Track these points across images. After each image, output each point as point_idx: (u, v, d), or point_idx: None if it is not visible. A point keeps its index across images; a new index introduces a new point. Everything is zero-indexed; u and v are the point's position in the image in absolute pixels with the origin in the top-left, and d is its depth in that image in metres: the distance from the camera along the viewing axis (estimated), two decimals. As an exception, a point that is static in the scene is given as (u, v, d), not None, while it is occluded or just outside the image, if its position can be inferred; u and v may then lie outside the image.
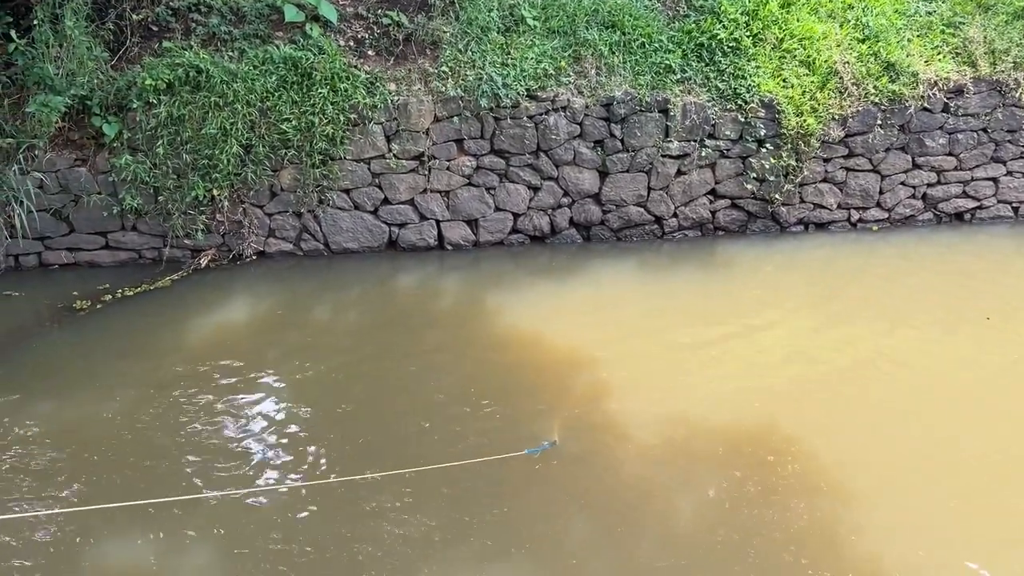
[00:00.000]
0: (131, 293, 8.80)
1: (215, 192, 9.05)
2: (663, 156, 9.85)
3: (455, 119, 9.43)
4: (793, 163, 9.99)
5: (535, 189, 9.86)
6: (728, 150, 9.97)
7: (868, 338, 8.08)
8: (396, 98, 9.31)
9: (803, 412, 6.86)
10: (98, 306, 8.55)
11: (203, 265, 9.37)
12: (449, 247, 9.94)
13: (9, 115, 8.78)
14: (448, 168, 9.62)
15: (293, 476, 6.09)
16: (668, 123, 9.73)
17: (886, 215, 10.65)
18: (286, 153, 9.15)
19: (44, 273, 9.24)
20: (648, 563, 5.34)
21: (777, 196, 10.14)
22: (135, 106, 8.80)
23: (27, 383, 7.23)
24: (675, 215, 10.18)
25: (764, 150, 9.95)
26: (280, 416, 6.80)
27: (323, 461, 6.26)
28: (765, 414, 6.78)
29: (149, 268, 9.33)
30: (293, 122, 9.01)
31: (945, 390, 7.24)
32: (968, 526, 5.66)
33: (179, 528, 5.52)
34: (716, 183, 10.11)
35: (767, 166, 9.97)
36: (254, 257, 9.54)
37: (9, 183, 8.71)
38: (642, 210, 10.08)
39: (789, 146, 9.92)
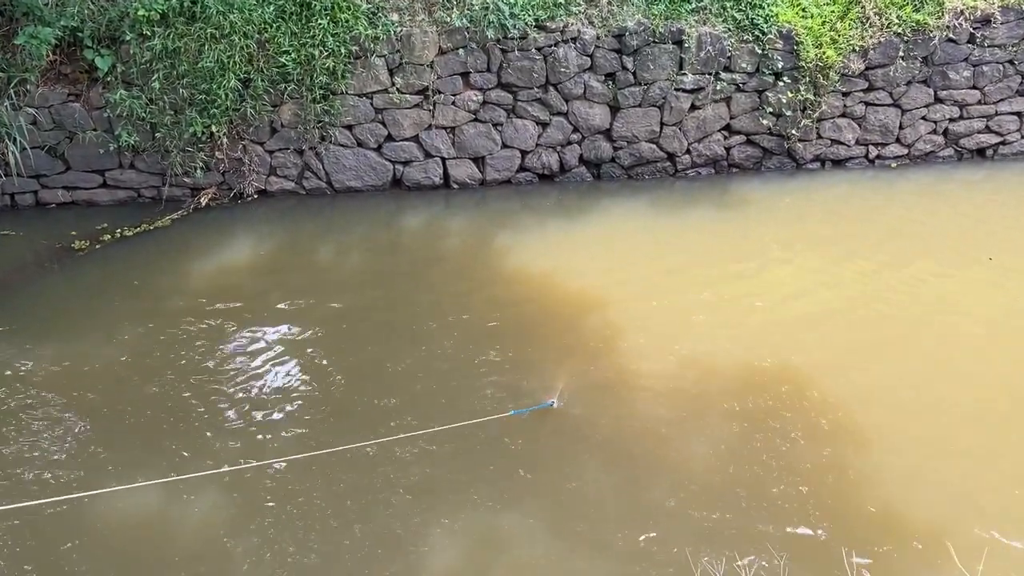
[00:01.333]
0: (131, 233, 8.60)
1: (214, 128, 8.76)
2: (676, 90, 9.50)
3: (460, 51, 9.06)
4: (811, 97, 9.63)
5: (544, 125, 9.54)
6: (744, 84, 9.61)
7: (884, 277, 7.88)
8: (399, 29, 8.93)
9: (817, 351, 6.72)
10: (97, 246, 8.37)
11: (203, 204, 9.14)
12: (455, 186, 9.68)
13: (-2, 48, 8.47)
14: (454, 103, 9.29)
15: (297, 422, 5.99)
16: (682, 55, 9.34)
17: (905, 151, 10.32)
18: (286, 87, 8.83)
19: (41, 212, 9.03)
20: (662, 503, 5.26)
21: (794, 132, 9.80)
22: (128, 38, 8.44)
23: (28, 324, 7.10)
24: (688, 152, 9.87)
25: (781, 84, 9.58)
26: (283, 359, 6.67)
27: (327, 407, 6.16)
28: (778, 353, 6.63)
29: (148, 207, 9.11)
30: (292, 55, 8.67)
31: (962, 329, 7.06)
32: (983, 468, 5.55)
33: (181, 474, 5.45)
34: (731, 118, 9.78)
35: (784, 100, 9.61)
36: (255, 196, 9.30)
37: (1, 119, 8.44)
38: (654, 147, 9.77)
39: (807, 79, 9.55)
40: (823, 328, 7.08)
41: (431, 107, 9.26)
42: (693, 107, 9.65)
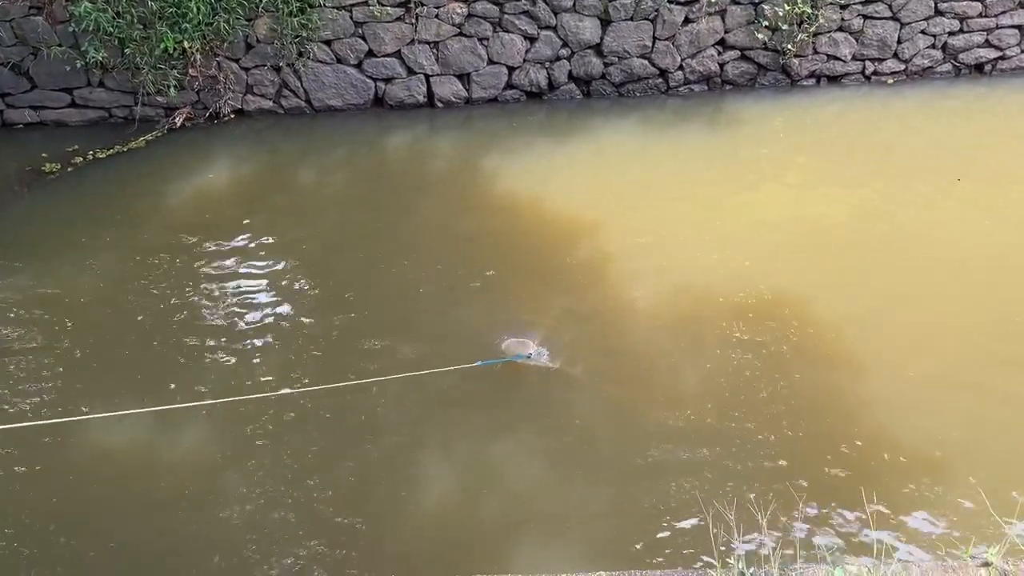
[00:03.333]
0: (103, 155, 8.29)
1: (186, 44, 8.35)
2: (670, 2, 9.12)
3: (444, -40, 8.62)
4: (808, 10, 9.27)
5: (531, 40, 9.17)
6: (740, -5, 9.23)
7: (877, 198, 7.73)
8: (378, -64, 8.46)
9: (810, 275, 6.61)
10: (69, 169, 8.07)
11: (178, 124, 8.80)
12: (440, 104, 9.36)
13: (-50, -44, 7.96)
14: (437, 16, 8.88)
15: (275, 353, 5.87)
16: (676, -35, 8.94)
17: (903, 67, 10.03)
18: (261, 0, 8.39)
19: (8, 133, 8.67)
20: (656, 428, 5.21)
21: (789, 47, 9.48)
22: (90, -55, 7.96)
23: (0, 252, 6.87)
24: (681, 68, 9.55)
25: (778, -5, 9.21)
26: (260, 286, 6.50)
27: (307, 338, 6.04)
28: (772, 277, 6.52)
29: (121, 128, 8.76)
30: (266, -37, 8.22)
31: (954, 252, 6.95)
32: (977, 393, 5.53)
33: (164, 403, 5.35)
34: (725, 32, 9.42)
35: (780, 13, 9.26)
36: (232, 116, 8.96)
37: (-41, 34, 8.00)
38: (646, 62, 9.43)
39: (805, -10, 9.19)
40: (817, 250, 6.96)
41: (413, 20, 8.86)
42: (687, 20, 9.29)
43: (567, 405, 5.43)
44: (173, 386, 5.46)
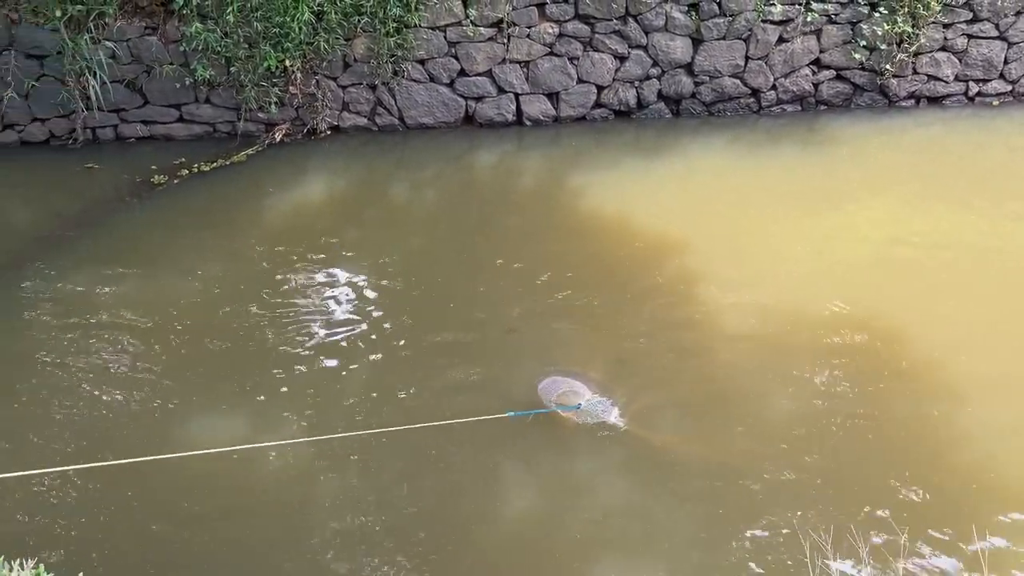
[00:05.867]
0: (207, 168, 8.67)
1: (287, 63, 8.68)
2: (763, 21, 9.01)
3: (537, -19, 8.74)
4: (908, 29, 9.02)
5: (622, 59, 9.19)
6: (836, 15, 9.05)
7: (980, 222, 7.43)
8: (474, -42, 8.63)
9: (908, 301, 6.39)
10: (175, 180, 8.46)
11: (277, 140, 9.13)
12: (528, 123, 9.45)
13: (77, -20, 8.48)
14: (528, 36, 9.00)
15: (372, 354, 5.99)
16: (773, -16, 8.83)
17: (1009, 88, 9.64)
18: (359, 20, 8.66)
19: (121, 146, 9.14)
20: (740, 451, 5.10)
21: (888, 67, 9.23)
22: (202, -31, 8.37)
23: (112, 257, 7.26)
24: (774, 87, 9.40)
25: (877, 14, 9.00)
26: (355, 296, 6.66)
27: (398, 345, 6.16)
28: (866, 300, 6.35)
29: (224, 142, 9.15)
30: (366, -14, 8.48)
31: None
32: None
33: (267, 406, 5.53)
34: (821, 52, 9.25)
35: (879, 33, 9.04)
36: (328, 132, 9.25)
37: (82, 52, 8.50)
38: (738, 82, 9.33)
39: (905, 10, 8.94)
40: (915, 276, 6.73)
41: (505, 40, 9.00)
42: (781, 40, 9.16)
43: (651, 420, 5.36)
44: (262, 397, 5.62)
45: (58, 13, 8.40)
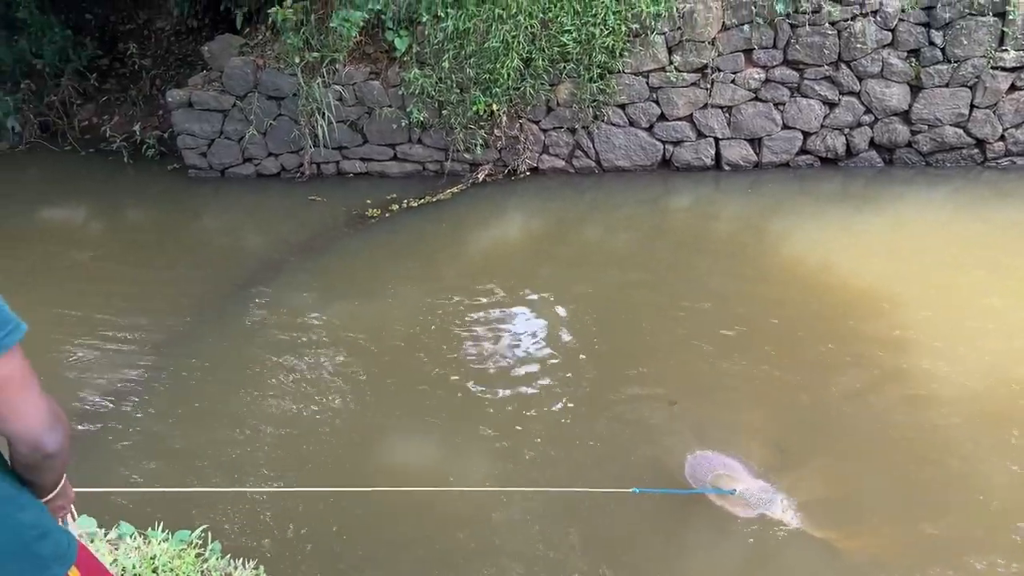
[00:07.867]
0: (415, 204, 9.27)
1: (495, 107, 9.14)
2: (993, 68, 8.38)
3: (745, 27, 8.65)
4: None
5: (831, 105, 8.87)
6: (1082, 60, 8.26)
7: None
8: (682, 6, 8.69)
9: None
10: (386, 214, 9.11)
11: (480, 179, 9.61)
12: (727, 167, 9.33)
13: (315, 31, 9.41)
14: (733, 81, 8.91)
15: (557, 390, 6.11)
16: (1004, 28, 8.20)
17: None
18: (564, 67, 8.98)
19: (342, 181, 10.00)
20: (956, 536, 4.70)
21: None
22: (424, 20, 9.02)
23: (328, 282, 7.92)
24: (1002, 138, 8.70)
25: None
26: (543, 334, 6.81)
27: (582, 385, 6.23)
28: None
29: (431, 180, 9.75)
30: (573, 34, 8.78)
31: None
32: None
33: (450, 437, 5.79)
34: (1061, 100, 8.47)
35: None
36: (527, 173, 9.62)
37: (314, 95, 9.42)
38: (960, 131, 8.72)
39: None
40: None
41: (708, 85, 8.96)
42: (1013, 87, 8.48)
43: (856, 505, 5.07)
44: (458, 440, 5.90)
45: (297, 60, 9.37)
